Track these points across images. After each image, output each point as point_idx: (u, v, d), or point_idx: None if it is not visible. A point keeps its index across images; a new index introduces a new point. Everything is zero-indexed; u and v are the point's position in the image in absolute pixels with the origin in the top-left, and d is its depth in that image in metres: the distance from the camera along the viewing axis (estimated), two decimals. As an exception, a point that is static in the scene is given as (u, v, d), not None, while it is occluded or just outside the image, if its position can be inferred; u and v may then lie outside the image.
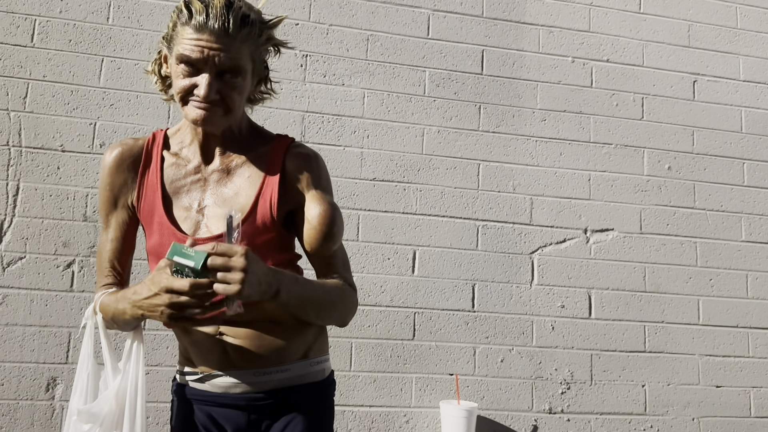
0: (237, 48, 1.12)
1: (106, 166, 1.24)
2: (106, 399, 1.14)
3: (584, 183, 2.76)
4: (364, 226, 2.54)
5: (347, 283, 1.26)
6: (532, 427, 2.55)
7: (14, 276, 2.27)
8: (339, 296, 1.23)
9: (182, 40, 1.11)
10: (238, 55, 1.12)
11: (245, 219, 1.17)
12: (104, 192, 1.25)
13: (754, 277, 2.83)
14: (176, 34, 1.13)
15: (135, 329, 1.20)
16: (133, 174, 1.24)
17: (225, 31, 1.09)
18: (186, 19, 1.11)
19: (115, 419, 1.13)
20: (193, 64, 1.11)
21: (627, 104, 2.86)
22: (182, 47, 1.11)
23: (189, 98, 1.14)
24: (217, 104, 1.13)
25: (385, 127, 2.63)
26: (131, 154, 1.25)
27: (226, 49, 1.10)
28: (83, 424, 1.15)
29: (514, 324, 2.60)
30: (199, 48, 1.10)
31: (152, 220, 1.21)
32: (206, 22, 1.09)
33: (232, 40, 1.11)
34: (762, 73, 3.01)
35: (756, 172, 2.92)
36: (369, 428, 2.43)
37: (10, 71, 2.37)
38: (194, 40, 1.10)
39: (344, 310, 1.26)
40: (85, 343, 1.19)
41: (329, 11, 2.65)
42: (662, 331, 2.71)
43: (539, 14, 2.85)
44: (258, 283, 1.01)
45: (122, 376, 1.15)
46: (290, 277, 1.13)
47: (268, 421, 1.22)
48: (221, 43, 1.10)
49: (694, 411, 2.69)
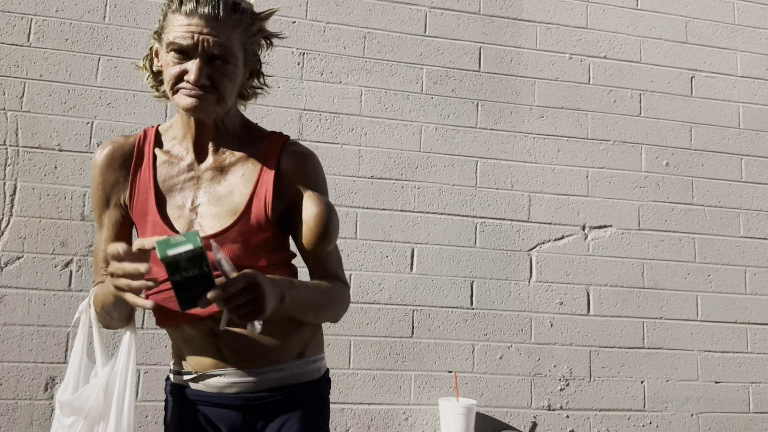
0: (227, 33, 1.12)
1: (97, 165, 1.23)
2: (89, 392, 1.12)
3: (582, 180, 2.76)
4: (362, 223, 2.54)
5: (341, 282, 1.28)
6: (531, 423, 2.55)
7: (12, 276, 2.26)
8: (336, 296, 1.25)
9: (172, 27, 1.11)
10: (229, 41, 1.12)
11: (240, 218, 1.17)
12: (96, 192, 1.24)
13: (753, 273, 2.83)
14: (167, 24, 1.14)
15: (128, 323, 1.17)
16: (125, 172, 1.22)
17: (215, 16, 1.10)
18: (176, 7, 1.11)
19: (102, 412, 1.11)
20: (184, 51, 1.11)
21: (625, 100, 2.86)
22: (172, 34, 1.11)
23: (179, 86, 1.13)
24: (208, 91, 1.12)
25: (382, 124, 2.62)
26: (122, 152, 1.23)
27: (216, 33, 1.10)
28: (66, 417, 1.12)
29: (513, 321, 2.60)
30: (189, 33, 1.10)
31: (145, 219, 1.20)
32: (196, 8, 1.09)
33: (222, 25, 1.11)
34: (760, 68, 3.01)
35: (754, 167, 2.92)
36: (368, 426, 2.43)
37: (6, 71, 2.36)
38: (184, 26, 1.10)
39: (339, 308, 1.28)
40: (78, 337, 1.17)
41: (326, 9, 2.65)
42: (661, 327, 2.71)
43: (536, 11, 2.85)
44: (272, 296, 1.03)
45: (111, 370, 1.13)
46: (287, 282, 1.13)
47: (263, 420, 1.21)
48: (211, 27, 1.10)
49: (693, 407, 2.69)
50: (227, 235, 1.16)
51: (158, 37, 1.17)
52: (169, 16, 1.13)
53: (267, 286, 1.01)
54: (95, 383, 1.12)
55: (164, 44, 1.14)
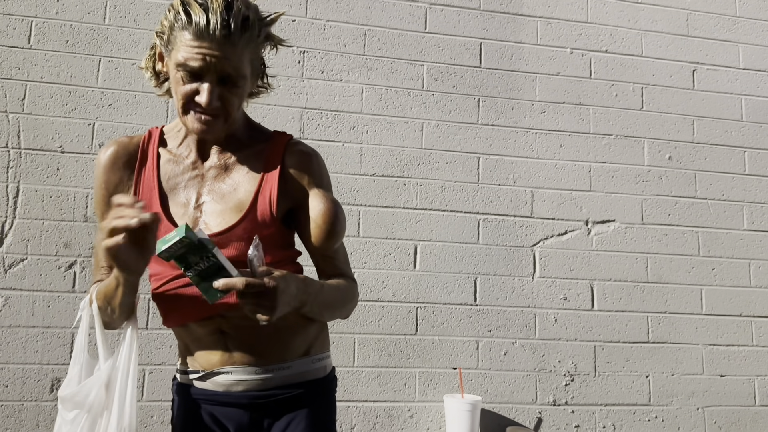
0: (239, 55, 1.10)
1: (101, 165, 1.23)
2: (91, 385, 1.11)
3: (585, 174, 2.75)
4: (364, 221, 2.54)
5: (351, 278, 1.30)
6: (537, 419, 2.55)
7: (16, 278, 2.27)
8: (349, 295, 1.28)
9: (181, 46, 1.08)
10: (240, 63, 1.10)
11: (246, 215, 1.17)
12: (99, 191, 1.24)
13: (757, 266, 2.83)
14: (174, 38, 1.10)
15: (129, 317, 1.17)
16: (129, 172, 1.22)
17: (226, 37, 1.07)
18: (185, 24, 1.07)
19: (103, 407, 1.11)
20: (194, 72, 1.09)
21: (626, 94, 2.85)
22: (182, 55, 1.08)
23: (190, 107, 1.12)
24: (217, 114, 1.12)
25: (384, 122, 2.62)
26: (127, 152, 1.23)
27: (228, 56, 1.08)
28: (68, 411, 1.12)
29: (517, 317, 2.60)
30: (201, 56, 1.07)
31: None
32: (207, 28, 1.06)
33: (233, 47, 1.08)
34: (762, 60, 3.00)
35: (757, 160, 2.91)
36: (373, 423, 2.43)
37: (7, 73, 2.36)
38: (194, 47, 1.07)
39: (351, 306, 1.31)
40: (80, 335, 1.17)
41: (326, 7, 2.65)
42: (665, 322, 2.71)
43: (537, 6, 2.84)
44: (287, 304, 1.05)
45: (113, 365, 1.13)
46: (317, 289, 1.15)
47: (270, 419, 1.21)
48: (222, 51, 1.07)
49: (699, 400, 2.69)
50: (233, 232, 1.16)
51: (164, 44, 1.14)
52: (177, 31, 1.09)
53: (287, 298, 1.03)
54: (97, 377, 1.12)
55: (173, 59, 1.11)
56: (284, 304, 1.03)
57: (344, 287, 1.25)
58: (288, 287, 1.04)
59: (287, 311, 1.06)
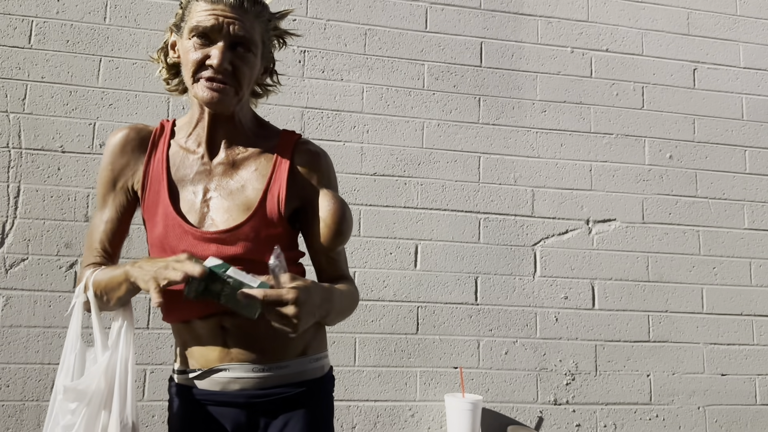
0: (250, 21, 1.16)
1: (111, 146, 1.23)
2: (93, 375, 1.11)
3: (585, 173, 2.75)
4: (365, 221, 2.54)
5: (351, 281, 1.32)
6: (538, 418, 2.55)
7: (17, 278, 2.27)
8: (355, 300, 1.30)
9: (196, 13, 1.14)
10: (252, 29, 1.16)
11: (254, 213, 1.17)
12: (105, 171, 1.23)
13: (758, 265, 2.83)
14: (188, 12, 1.17)
15: (124, 307, 1.16)
16: (137, 158, 1.23)
17: (240, 3, 1.14)
18: None
19: (104, 398, 1.10)
20: (207, 35, 1.13)
21: (627, 94, 2.85)
22: (196, 19, 1.13)
23: (201, 73, 1.14)
24: (228, 81, 1.14)
25: (384, 121, 2.62)
26: (139, 137, 1.24)
27: (241, 19, 1.14)
28: (70, 402, 1.11)
29: (518, 316, 2.60)
30: (214, 16, 1.12)
31: (156, 211, 1.20)
32: None
33: (245, 13, 1.15)
34: (762, 59, 3.00)
35: (758, 159, 2.91)
36: (374, 422, 2.43)
37: (8, 73, 2.36)
38: (209, 10, 1.13)
39: (354, 308, 1.32)
40: (73, 321, 1.16)
41: (326, 6, 2.64)
42: (666, 321, 2.71)
43: (537, 5, 2.84)
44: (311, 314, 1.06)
45: (111, 354, 1.12)
46: (337, 296, 1.17)
47: (267, 418, 1.21)
48: (236, 14, 1.14)
49: (700, 399, 2.69)
50: (241, 230, 1.16)
51: (176, 28, 1.20)
52: (192, 4, 1.16)
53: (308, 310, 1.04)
54: (97, 369, 1.11)
55: (186, 31, 1.16)
56: (307, 314, 1.03)
57: (352, 292, 1.27)
58: (310, 297, 1.04)
59: (312, 321, 1.07)
